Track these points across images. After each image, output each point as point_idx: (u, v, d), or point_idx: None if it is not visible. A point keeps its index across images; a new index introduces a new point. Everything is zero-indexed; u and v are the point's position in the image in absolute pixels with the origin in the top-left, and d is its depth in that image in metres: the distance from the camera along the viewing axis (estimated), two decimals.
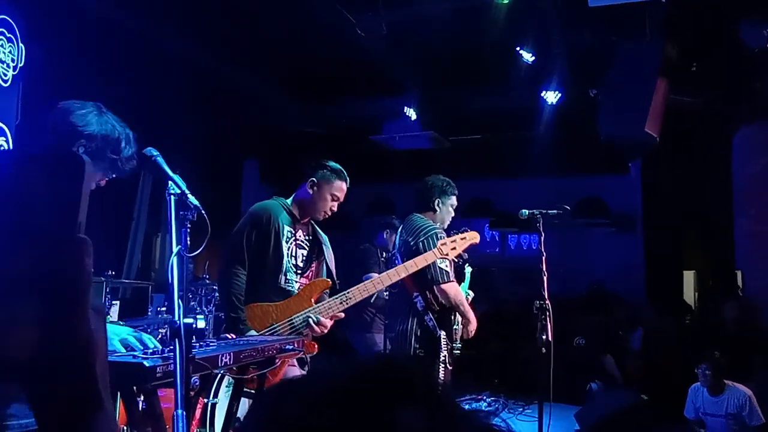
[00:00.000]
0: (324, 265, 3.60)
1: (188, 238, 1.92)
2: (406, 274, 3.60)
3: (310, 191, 3.48)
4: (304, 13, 5.83)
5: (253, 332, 3.15)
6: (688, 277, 9.11)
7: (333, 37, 6.17)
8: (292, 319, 3.26)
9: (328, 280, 3.45)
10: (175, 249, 1.86)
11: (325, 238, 3.66)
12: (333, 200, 3.50)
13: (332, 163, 3.58)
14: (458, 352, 4.23)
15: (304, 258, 3.50)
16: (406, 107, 7.57)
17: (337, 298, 3.33)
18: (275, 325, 3.23)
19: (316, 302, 3.33)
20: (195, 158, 6.49)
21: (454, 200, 4.30)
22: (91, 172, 2.30)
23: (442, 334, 3.97)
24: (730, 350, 5.86)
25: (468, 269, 4.99)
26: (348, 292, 3.35)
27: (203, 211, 2.07)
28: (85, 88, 5.17)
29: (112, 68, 5.66)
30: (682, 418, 5.40)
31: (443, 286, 3.93)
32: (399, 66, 7.00)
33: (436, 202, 4.19)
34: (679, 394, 5.67)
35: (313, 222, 3.61)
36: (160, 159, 2.17)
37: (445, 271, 3.96)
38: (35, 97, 4.94)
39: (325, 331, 3.29)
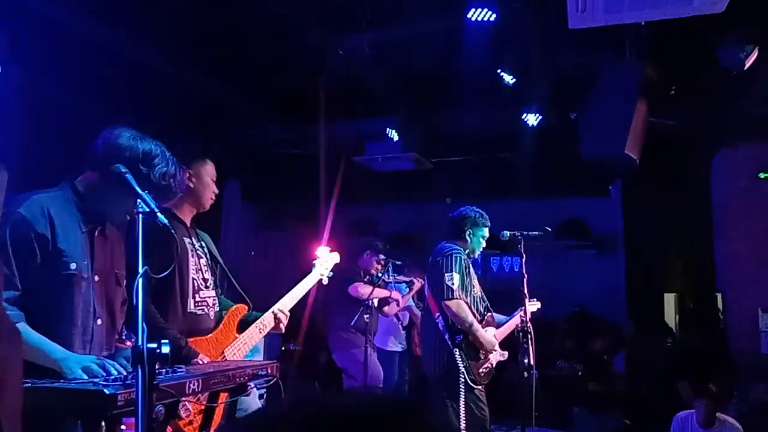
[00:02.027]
0: (221, 271, 3.28)
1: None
2: (294, 302, 3.42)
3: (191, 184, 3.09)
4: (287, 34, 5.81)
5: (201, 357, 2.84)
6: (669, 299, 9.12)
7: (315, 58, 6.15)
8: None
9: (244, 306, 3.20)
10: (141, 270, 1.78)
11: (206, 236, 3.31)
12: (213, 181, 3.20)
13: (191, 148, 3.29)
14: (485, 371, 4.26)
15: (203, 267, 3.12)
16: (388, 128, 7.55)
17: (254, 327, 3.15)
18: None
19: (238, 332, 3.10)
20: None
21: (485, 231, 4.51)
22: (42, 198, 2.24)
23: (457, 352, 4.12)
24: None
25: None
26: (263, 319, 3.17)
27: (173, 231, 2.01)
28: (65, 107, 5.11)
29: (91, 85, 5.59)
30: None
31: (446, 302, 4.12)
32: (381, 87, 6.99)
33: (468, 232, 4.42)
34: (662, 417, 5.62)
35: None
36: (129, 176, 2.11)
37: (450, 287, 4.13)
38: (12, 114, 4.85)
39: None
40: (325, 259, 3.66)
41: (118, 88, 5.97)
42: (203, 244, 3.20)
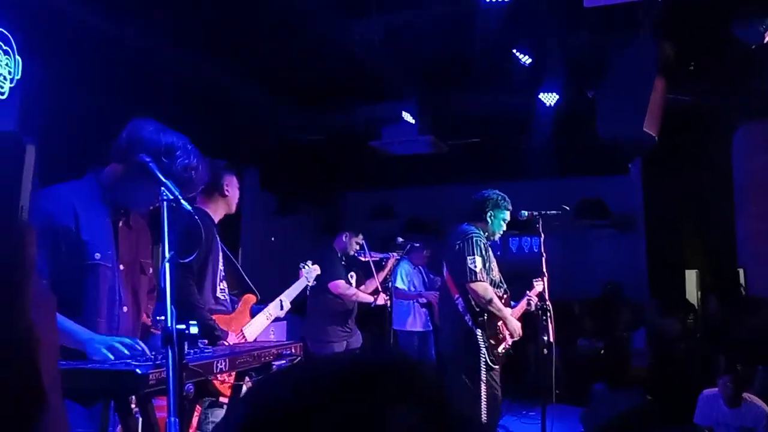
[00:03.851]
0: (233, 266, 3.67)
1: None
2: (293, 297, 3.97)
3: (227, 192, 3.50)
4: (301, 21, 5.83)
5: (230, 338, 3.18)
6: (691, 276, 9.06)
7: (329, 43, 6.17)
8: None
9: (253, 296, 3.61)
10: (167, 255, 1.85)
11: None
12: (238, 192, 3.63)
13: (223, 161, 3.61)
14: (503, 351, 4.31)
15: (222, 263, 3.47)
16: (404, 112, 7.56)
17: (263, 314, 3.58)
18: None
19: (251, 316, 3.52)
20: None
21: (507, 215, 4.49)
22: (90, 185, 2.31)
23: (479, 332, 4.17)
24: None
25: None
26: (269, 308, 3.66)
27: (196, 217, 2.07)
28: (83, 100, 5.19)
29: (109, 79, 5.66)
30: (688, 419, 5.35)
31: (470, 285, 4.17)
32: (396, 71, 7.00)
33: (489, 214, 4.41)
34: (684, 394, 5.63)
35: None
36: (152, 165, 2.17)
37: (473, 270, 4.17)
38: (34, 110, 4.94)
39: None
40: (308, 270, 4.32)
41: (137, 81, 6.04)
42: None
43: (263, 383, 0.64)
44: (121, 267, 2.33)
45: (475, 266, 4.17)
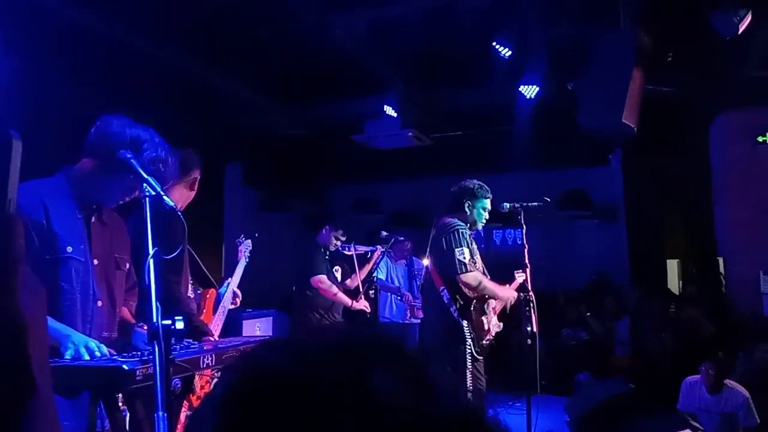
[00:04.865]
0: (191, 257, 3.44)
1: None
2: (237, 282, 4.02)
3: (191, 191, 3.33)
4: (283, 14, 5.82)
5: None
6: (672, 265, 9.20)
7: (311, 38, 6.16)
8: None
9: (213, 290, 3.61)
10: (151, 251, 1.85)
11: None
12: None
13: (194, 158, 3.42)
14: (486, 342, 4.33)
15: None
16: (386, 106, 7.58)
17: (220, 309, 3.64)
18: None
19: (213, 314, 3.54)
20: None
21: (486, 203, 4.47)
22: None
23: (464, 323, 4.18)
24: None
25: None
26: (224, 301, 3.71)
27: (179, 213, 2.07)
28: (66, 96, 5.13)
29: (89, 74, 5.61)
30: (671, 406, 5.43)
31: (461, 277, 4.15)
32: (378, 65, 7.00)
33: (467, 204, 4.40)
34: (666, 382, 5.71)
35: None
36: (134, 161, 2.17)
37: (462, 262, 4.17)
38: (10, 105, 4.88)
39: None
40: (245, 246, 4.43)
41: (117, 76, 6.00)
42: None
43: (251, 352, 0.64)
44: (95, 262, 2.32)
45: (464, 257, 4.18)
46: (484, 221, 4.52)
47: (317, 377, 0.56)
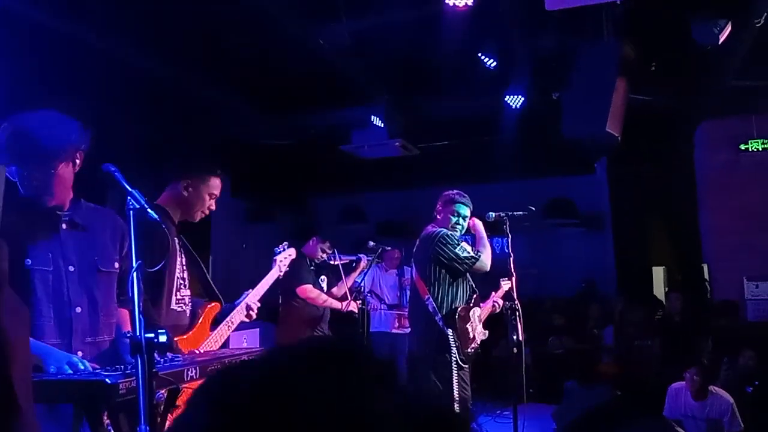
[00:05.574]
0: (198, 270, 3.39)
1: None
2: (261, 294, 3.69)
3: (185, 193, 3.19)
4: (269, 25, 5.82)
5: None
6: (658, 272, 9.26)
7: (298, 48, 6.17)
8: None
9: (217, 304, 3.36)
10: (134, 264, 1.85)
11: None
12: (211, 198, 3.29)
13: (202, 161, 3.39)
14: (472, 350, 4.35)
15: (184, 266, 3.20)
16: (373, 116, 7.60)
17: (224, 324, 3.34)
18: None
19: (211, 329, 3.27)
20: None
21: (466, 210, 4.50)
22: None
23: (449, 332, 4.21)
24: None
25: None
26: (232, 316, 3.38)
27: (163, 226, 2.07)
28: (45, 104, 5.07)
29: (74, 83, 5.58)
30: (657, 412, 5.46)
31: (476, 266, 4.30)
32: (364, 75, 7.03)
33: (447, 212, 4.47)
34: (653, 389, 5.74)
35: None
36: (118, 174, 2.16)
37: (470, 255, 4.29)
38: None
39: None
40: (284, 256, 4.03)
41: (102, 86, 5.97)
42: (184, 242, 3.28)
43: (232, 366, 0.63)
44: (71, 268, 2.29)
45: (467, 252, 4.27)
46: (466, 227, 4.54)
47: (306, 398, 0.56)
